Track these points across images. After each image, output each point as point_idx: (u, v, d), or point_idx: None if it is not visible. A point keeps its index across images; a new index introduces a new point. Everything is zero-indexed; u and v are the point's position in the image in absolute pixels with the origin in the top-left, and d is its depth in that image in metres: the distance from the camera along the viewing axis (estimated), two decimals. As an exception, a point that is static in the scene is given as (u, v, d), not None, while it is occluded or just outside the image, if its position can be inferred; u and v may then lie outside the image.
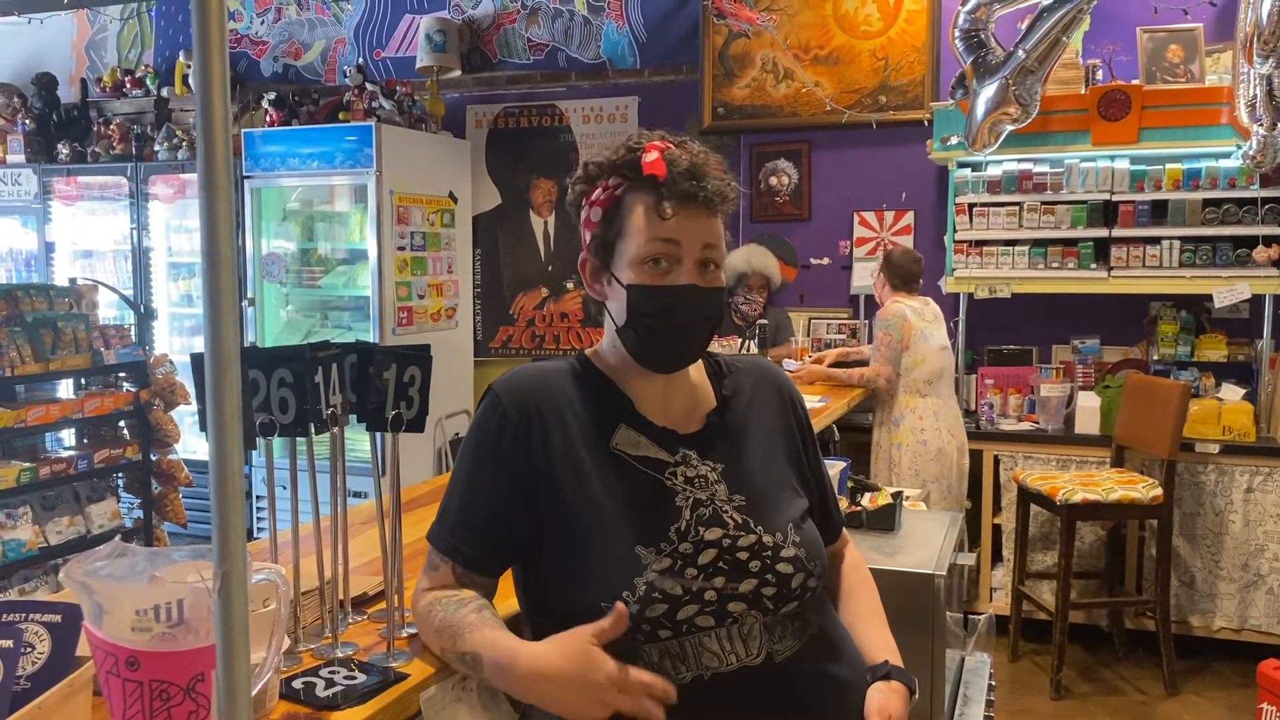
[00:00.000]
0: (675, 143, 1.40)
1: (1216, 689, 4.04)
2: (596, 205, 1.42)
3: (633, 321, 1.40)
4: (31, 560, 3.76)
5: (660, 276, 1.37)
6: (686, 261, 1.37)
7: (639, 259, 1.37)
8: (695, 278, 1.37)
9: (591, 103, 5.75)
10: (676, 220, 1.35)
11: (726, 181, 1.39)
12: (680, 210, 1.35)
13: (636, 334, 1.40)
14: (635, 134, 1.43)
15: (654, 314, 1.38)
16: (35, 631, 1.17)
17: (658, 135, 1.41)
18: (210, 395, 0.81)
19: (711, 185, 1.36)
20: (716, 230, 1.40)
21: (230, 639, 0.81)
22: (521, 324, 5.98)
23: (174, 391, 4.29)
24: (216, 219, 0.80)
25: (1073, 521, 3.94)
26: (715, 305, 1.41)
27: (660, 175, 1.35)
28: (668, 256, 1.37)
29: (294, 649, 1.42)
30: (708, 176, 1.36)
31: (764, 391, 1.55)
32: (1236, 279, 4.27)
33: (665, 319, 1.38)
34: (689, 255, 1.37)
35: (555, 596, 1.38)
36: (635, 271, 1.38)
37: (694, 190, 1.35)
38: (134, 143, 5.97)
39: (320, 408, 1.42)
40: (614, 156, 1.41)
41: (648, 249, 1.37)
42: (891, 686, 1.42)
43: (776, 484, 1.47)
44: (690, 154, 1.38)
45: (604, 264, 1.43)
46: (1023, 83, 4.14)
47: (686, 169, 1.35)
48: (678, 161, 1.36)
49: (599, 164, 1.43)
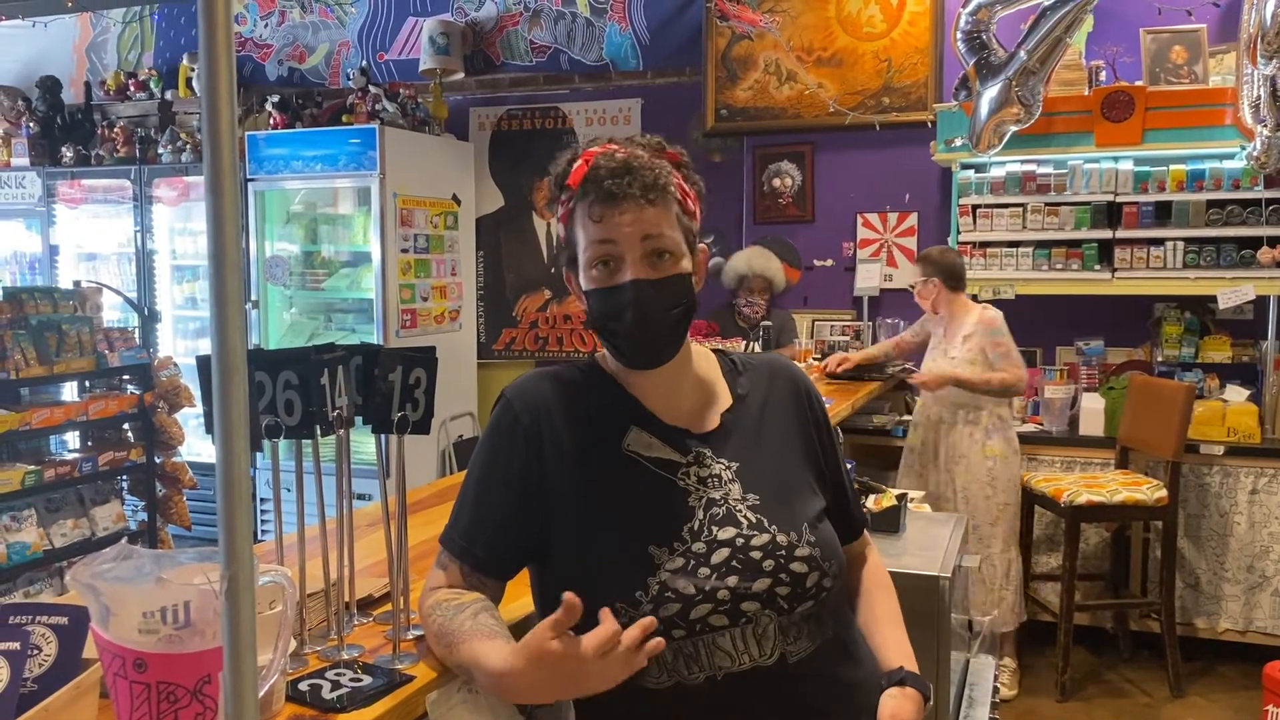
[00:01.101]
0: (621, 143, 1.40)
1: (1222, 691, 4.03)
2: (560, 221, 1.45)
3: (595, 325, 1.42)
4: (36, 563, 3.77)
5: (608, 277, 1.38)
6: (629, 257, 1.37)
7: (588, 264, 1.39)
8: (642, 271, 1.37)
9: (594, 105, 5.75)
10: (606, 220, 1.36)
11: (657, 171, 1.37)
12: (607, 210, 1.35)
13: (604, 336, 1.43)
14: (585, 143, 1.44)
15: (608, 315, 1.39)
16: (42, 634, 1.17)
17: (606, 139, 1.42)
18: (217, 398, 0.81)
19: (637, 178, 1.35)
20: (659, 219, 1.37)
21: (237, 641, 0.81)
22: (525, 326, 5.98)
23: (178, 394, 4.30)
24: (223, 222, 0.80)
25: (1077, 523, 3.94)
26: (673, 293, 1.39)
27: (575, 184, 1.37)
28: (611, 256, 1.37)
29: (300, 651, 1.42)
30: (633, 171, 1.35)
31: (780, 389, 1.54)
32: (1241, 280, 4.26)
33: (619, 318, 1.38)
34: (630, 251, 1.36)
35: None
36: (588, 278, 1.40)
37: (615, 188, 1.34)
38: (138, 145, 5.98)
39: (326, 410, 1.42)
40: (558, 171, 1.43)
41: (590, 253, 1.38)
42: (905, 693, 1.41)
43: (792, 483, 1.47)
44: (627, 151, 1.38)
45: (573, 274, 1.45)
46: (1025, 83, 4.14)
47: (611, 169, 1.35)
48: (605, 164, 1.36)
49: (555, 180, 1.44)
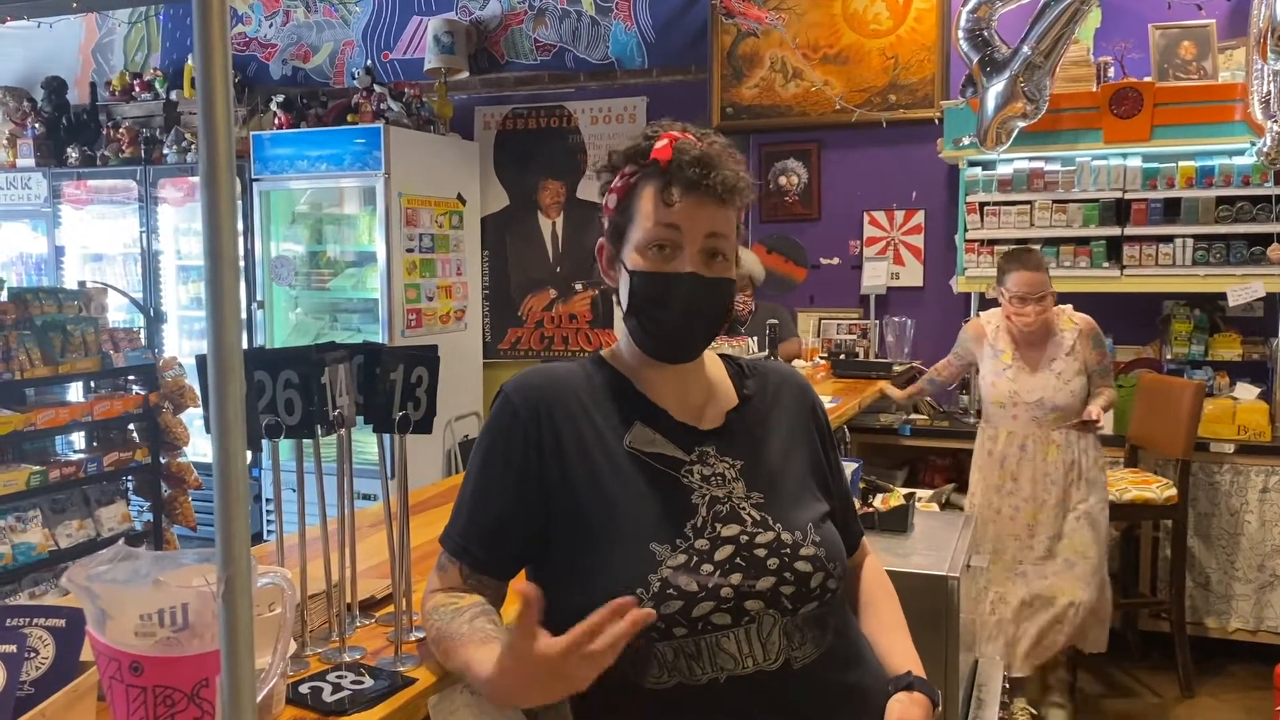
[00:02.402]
0: (697, 134, 1.40)
1: (1232, 691, 4.00)
2: (614, 192, 1.42)
3: (634, 307, 1.40)
4: (41, 564, 3.76)
5: (663, 263, 1.37)
6: (689, 249, 1.36)
7: (643, 244, 1.38)
8: (698, 266, 1.36)
9: (600, 103, 5.74)
10: (681, 206, 1.35)
11: (738, 173, 1.37)
12: (685, 197, 1.35)
13: (638, 320, 1.40)
14: (656, 124, 1.43)
15: (653, 299, 1.38)
16: (39, 636, 1.16)
17: (679, 125, 1.41)
18: (213, 396, 0.80)
19: (720, 175, 1.35)
20: (725, 220, 1.38)
21: (235, 644, 0.80)
22: (530, 325, 5.97)
23: (183, 394, 4.29)
24: (219, 219, 0.79)
25: (1086, 522, 3.92)
26: (718, 296, 1.39)
27: (664, 161, 1.35)
28: (670, 243, 1.36)
29: (301, 653, 1.41)
30: (717, 166, 1.35)
31: (786, 394, 1.54)
32: (1251, 277, 4.23)
33: (664, 305, 1.37)
34: (691, 243, 1.36)
35: (571, 595, 1.36)
36: (640, 257, 1.38)
37: (699, 178, 1.34)
38: (143, 146, 5.98)
39: (327, 409, 1.40)
40: (631, 144, 1.42)
41: (651, 234, 1.37)
42: (913, 698, 1.39)
43: (796, 485, 1.46)
44: (706, 144, 1.38)
45: (616, 250, 1.43)
46: (1031, 78, 4.11)
47: (696, 157, 1.35)
48: (688, 149, 1.35)
49: (619, 152, 1.43)
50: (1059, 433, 3.55)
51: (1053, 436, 3.56)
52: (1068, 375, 3.56)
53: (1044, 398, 3.55)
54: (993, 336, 3.70)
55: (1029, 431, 3.58)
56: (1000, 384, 3.63)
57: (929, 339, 5.07)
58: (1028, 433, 3.58)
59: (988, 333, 3.72)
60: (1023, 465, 3.58)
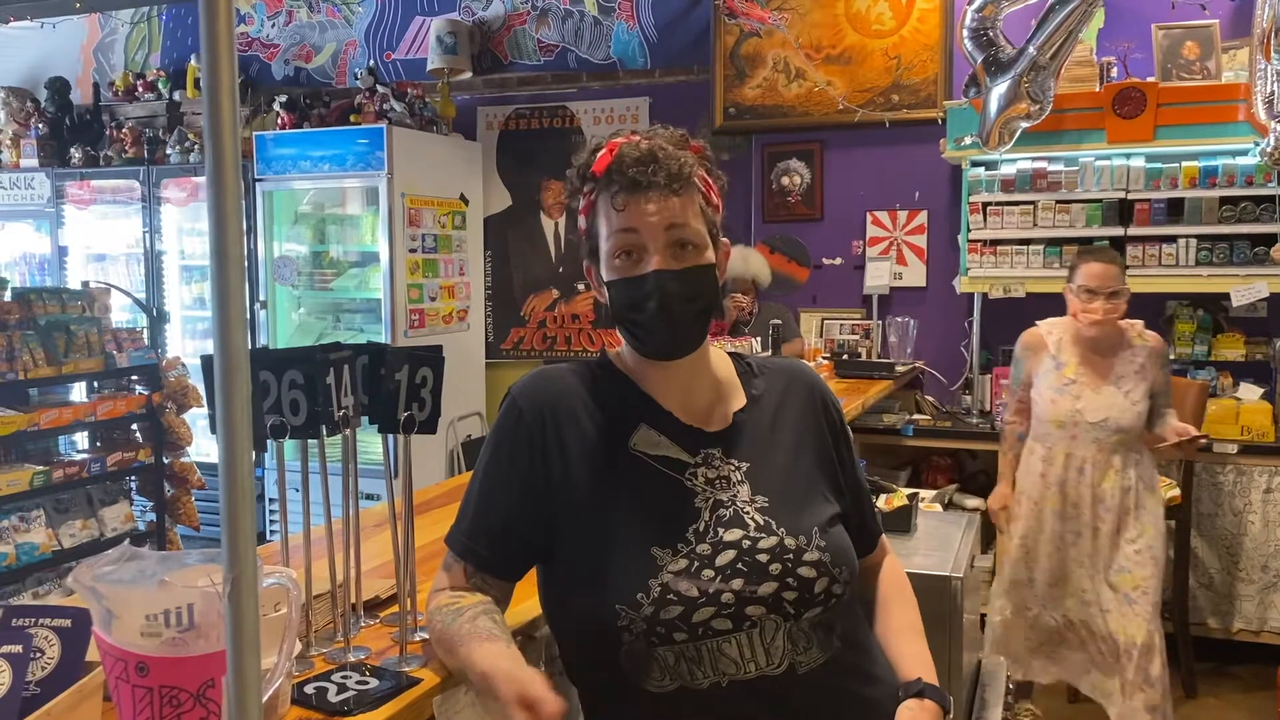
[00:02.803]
0: (644, 134, 1.40)
1: (1235, 692, 4.00)
2: (581, 214, 1.43)
3: (617, 317, 1.41)
4: (44, 564, 3.77)
5: (631, 268, 1.37)
6: (652, 247, 1.35)
7: (610, 255, 1.38)
8: (665, 261, 1.35)
9: (602, 104, 5.74)
10: (630, 209, 1.35)
11: (681, 160, 1.36)
12: (631, 199, 1.34)
13: (625, 328, 1.41)
14: (601, 137, 1.43)
15: (630, 305, 1.38)
16: (45, 637, 1.16)
17: (625, 132, 1.41)
18: (219, 396, 0.80)
19: (663, 167, 1.34)
20: (683, 209, 1.36)
21: (241, 644, 0.80)
22: (533, 325, 5.97)
23: (186, 394, 4.29)
24: (225, 217, 0.79)
25: (1089, 523, 3.90)
26: (696, 284, 1.37)
27: (599, 172, 1.36)
28: (634, 246, 1.36)
29: (306, 653, 1.41)
30: (658, 160, 1.34)
31: (796, 393, 1.51)
32: (1254, 277, 4.23)
33: (640, 308, 1.37)
34: (653, 240, 1.35)
35: (572, 598, 1.36)
36: (610, 268, 1.39)
37: (640, 176, 1.33)
38: (146, 146, 5.99)
39: (332, 409, 1.40)
40: (580, 163, 1.42)
41: (613, 243, 1.37)
42: (924, 705, 1.37)
43: (804, 486, 1.44)
44: (650, 141, 1.37)
45: (595, 266, 1.44)
46: (1035, 79, 4.11)
47: (635, 158, 1.34)
48: (629, 153, 1.35)
49: (574, 172, 1.43)
50: (1118, 456, 3.23)
51: (1113, 460, 3.23)
52: (1136, 396, 3.23)
53: (1110, 418, 3.22)
54: (1055, 347, 3.34)
55: (1089, 454, 3.24)
56: (1061, 401, 3.28)
57: (931, 339, 5.07)
58: (1087, 455, 3.24)
59: (1048, 343, 3.36)
60: (1082, 490, 3.26)
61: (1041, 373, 3.36)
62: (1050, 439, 3.32)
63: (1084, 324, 3.23)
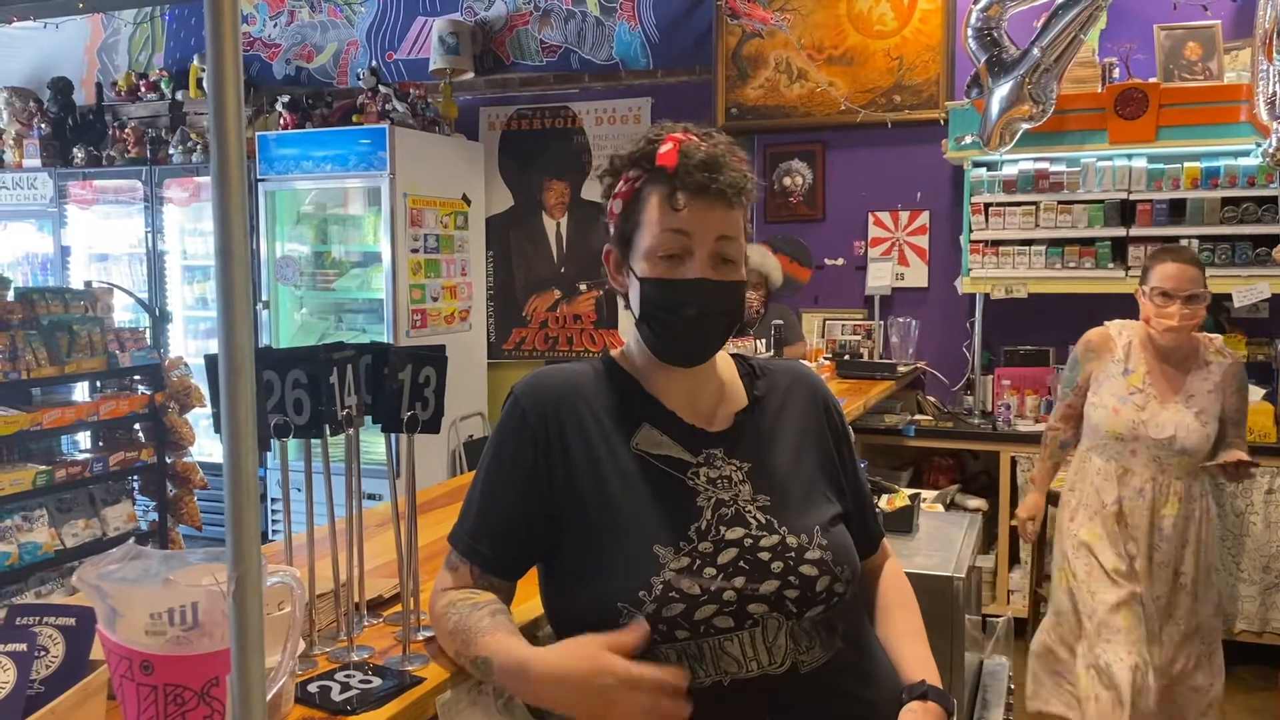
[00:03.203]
0: (699, 134, 1.38)
1: (1237, 693, 3.99)
2: (618, 197, 1.41)
3: (646, 314, 1.39)
4: (47, 563, 3.77)
5: (672, 269, 1.36)
6: (699, 254, 1.35)
7: (652, 251, 1.36)
8: (708, 271, 1.35)
9: (604, 104, 5.74)
10: (688, 212, 1.34)
11: (743, 173, 1.36)
12: (693, 202, 1.33)
13: (650, 327, 1.40)
14: (658, 125, 1.41)
15: (665, 307, 1.37)
16: (49, 635, 1.16)
17: (680, 127, 1.39)
18: (224, 396, 0.80)
19: (726, 177, 1.34)
20: (733, 223, 1.37)
21: (245, 643, 0.80)
22: (534, 326, 5.98)
23: (189, 394, 4.30)
24: (230, 217, 0.79)
25: (1091, 523, 3.89)
26: (730, 299, 1.38)
27: (671, 167, 1.33)
28: (680, 249, 1.35)
29: (309, 652, 1.41)
30: (723, 168, 1.34)
31: (798, 395, 1.52)
32: (1256, 278, 4.23)
33: (676, 312, 1.36)
34: (701, 247, 1.35)
35: (574, 596, 1.36)
36: (649, 264, 1.37)
37: (706, 181, 1.33)
38: (149, 146, 6.00)
39: (335, 409, 1.41)
40: (634, 148, 1.40)
41: (659, 241, 1.35)
42: (927, 707, 1.37)
43: (805, 487, 1.44)
44: (710, 145, 1.36)
45: (624, 256, 1.42)
46: (1038, 81, 4.11)
47: (701, 160, 1.33)
48: (693, 153, 1.34)
49: (622, 156, 1.42)
50: (1180, 482, 2.94)
51: (1174, 486, 2.94)
52: (1207, 416, 2.94)
53: (1175, 436, 2.91)
54: (1123, 351, 3.04)
55: (1148, 474, 2.95)
56: (1124, 411, 2.96)
57: (933, 340, 5.07)
58: (1146, 475, 2.95)
59: (1116, 345, 3.06)
60: (1139, 514, 2.95)
61: (1104, 377, 3.05)
62: (1107, 452, 3.03)
63: (1157, 330, 2.94)
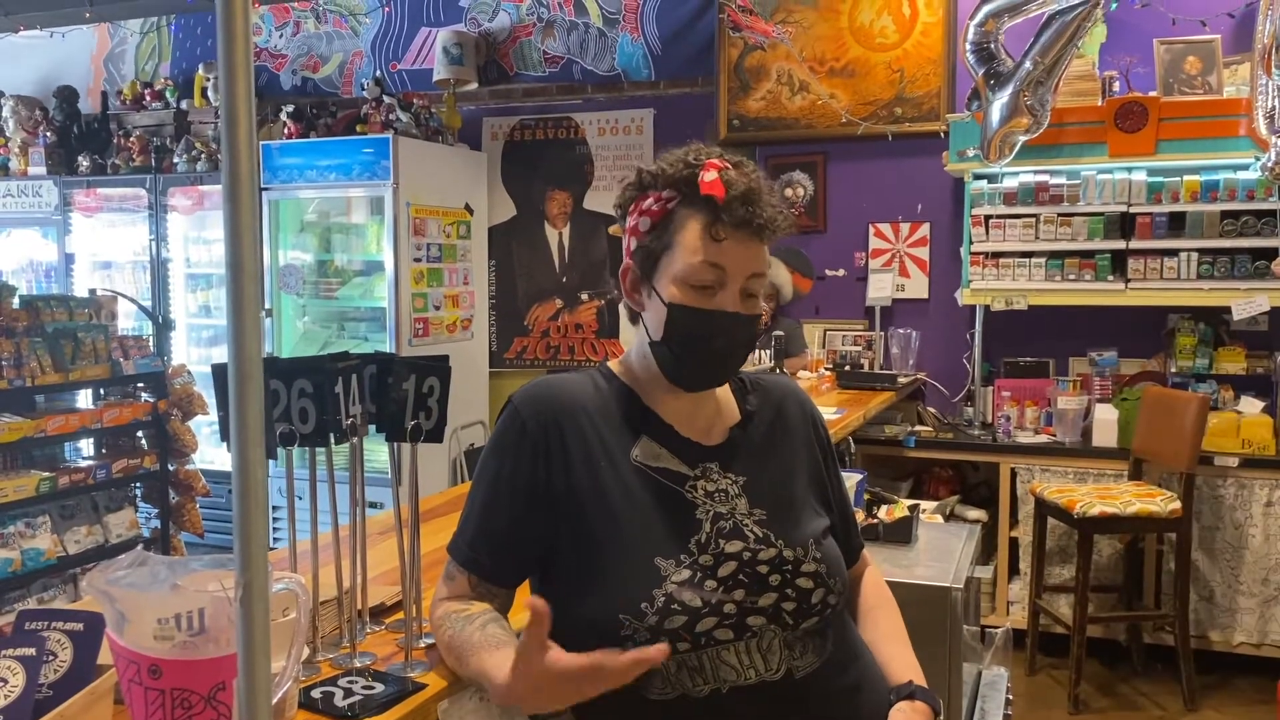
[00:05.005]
0: (733, 163, 1.38)
1: (1236, 705, 4.00)
2: (646, 215, 1.40)
3: (669, 339, 1.39)
4: (50, 569, 3.78)
5: (703, 299, 1.36)
6: (731, 287, 1.36)
7: (684, 278, 1.36)
8: (738, 305, 1.36)
9: (607, 115, 5.77)
10: (728, 245, 1.34)
11: (779, 209, 1.37)
12: (732, 235, 1.34)
13: (671, 352, 1.40)
14: (694, 148, 1.40)
15: (693, 336, 1.37)
16: (58, 639, 1.17)
17: (716, 153, 1.39)
18: (233, 405, 0.82)
19: (766, 212, 1.34)
20: (764, 259, 1.39)
21: (251, 648, 0.81)
22: (536, 335, 5.99)
23: (192, 402, 4.31)
24: (241, 231, 0.81)
25: (1090, 535, 3.92)
26: (751, 332, 1.41)
27: (719, 197, 1.33)
28: (714, 281, 1.35)
29: (312, 659, 1.42)
30: (762, 203, 1.34)
31: (787, 410, 1.55)
32: (1255, 291, 4.24)
33: (703, 343, 1.37)
34: (734, 282, 1.36)
35: (574, 606, 1.37)
36: (679, 289, 1.36)
37: (749, 216, 1.33)
38: (153, 155, 6.02)
39: (340, 418, 1.42)
40: (670, 169, 1.39)
41: (695, 270, 1.35)
42: (915, 706, 1.40)
43: (798, 500, 1.47)
44: (746, 178, 1.36)
45: (646, 275, 1.41)
46: (1034, 93, 4.13)
47: (742, 193, 1.33)
48: (734, 184, 1.34)
49: (653, 173, 1.40)
50: None
51: None
52: None
53: None
54: None
55: None
56: None
57: (933, 351, 5.09)
58: None
59: None
60: None
61: None
62: None
63: None
